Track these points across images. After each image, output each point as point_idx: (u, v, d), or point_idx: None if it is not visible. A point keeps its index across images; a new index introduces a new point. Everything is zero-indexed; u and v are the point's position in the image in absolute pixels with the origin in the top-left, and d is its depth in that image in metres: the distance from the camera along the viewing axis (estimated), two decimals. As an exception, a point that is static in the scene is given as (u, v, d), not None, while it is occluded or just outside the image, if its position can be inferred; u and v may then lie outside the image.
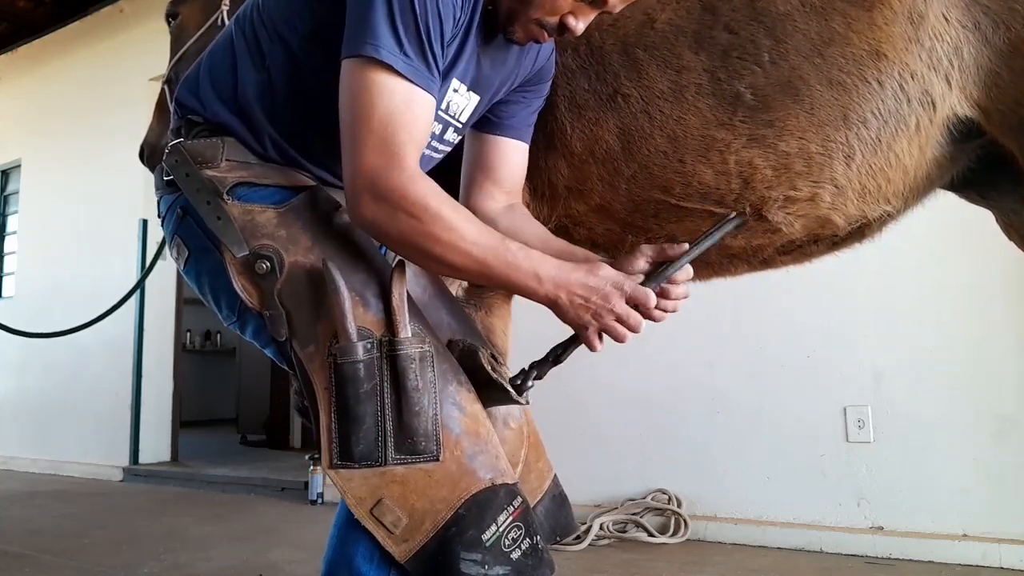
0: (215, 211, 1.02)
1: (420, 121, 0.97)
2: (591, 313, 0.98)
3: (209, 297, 1.09)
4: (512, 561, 0.92)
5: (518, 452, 1.18)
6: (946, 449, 2.72)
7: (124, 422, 5.32)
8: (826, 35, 1.24)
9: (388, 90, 0.93)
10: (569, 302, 0.98)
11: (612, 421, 3.37)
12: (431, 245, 0.94)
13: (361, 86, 0.94)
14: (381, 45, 0.92)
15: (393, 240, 0.96)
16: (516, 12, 1.05)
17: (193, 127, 1.11)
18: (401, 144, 0.93)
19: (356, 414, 0.93)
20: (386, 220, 0.94)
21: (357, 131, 0.94)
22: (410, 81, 0.94)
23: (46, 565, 2.83)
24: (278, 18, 1.07)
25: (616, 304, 0.96)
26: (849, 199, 1.27)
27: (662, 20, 1.34)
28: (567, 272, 0.97)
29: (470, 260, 0.95)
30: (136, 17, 5.63)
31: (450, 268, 0.97)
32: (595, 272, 0.98)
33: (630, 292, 0.97)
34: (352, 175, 0.95)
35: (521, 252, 0.97)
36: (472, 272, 0.97)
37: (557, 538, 1.22)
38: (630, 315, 0.97)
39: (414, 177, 0.93)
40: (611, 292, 0.97)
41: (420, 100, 0.96)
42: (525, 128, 1.27)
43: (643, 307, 0.98)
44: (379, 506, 0.92)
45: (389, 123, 0.93)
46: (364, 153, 0.93)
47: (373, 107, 0.93)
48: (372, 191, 0.93)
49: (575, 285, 0.97)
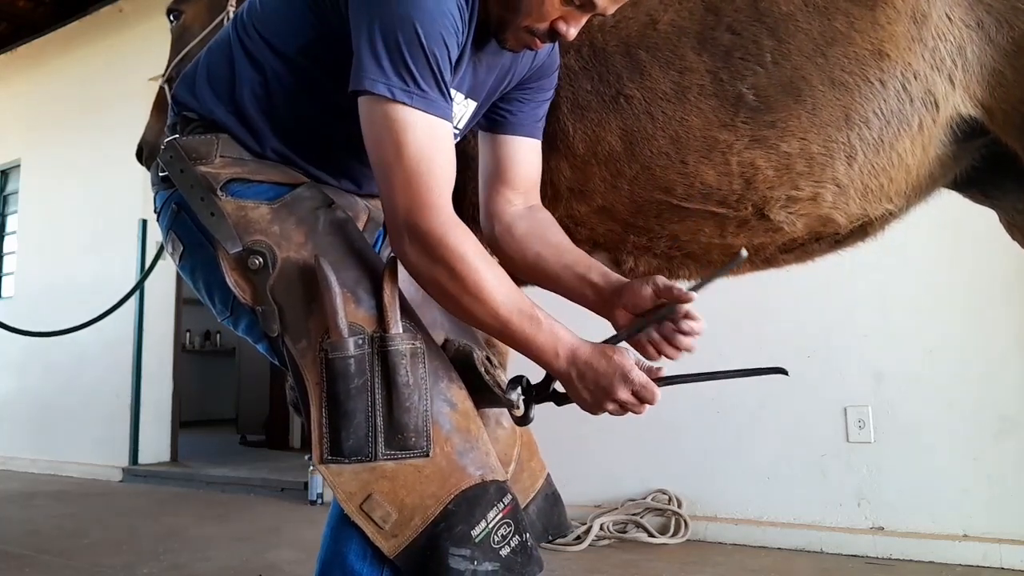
0: (209, 207, 1.03)
1: (447, 154, 0.98)
2: (595, 397, 0.99)
3: (203, 292, 1.10)
4: (501, 558, 0.93)
5: (511, 451, 1.18)
6: (946, 449, 2.72)
7: (124, 422, 5.32)
8: (829, 35, 1.24)
9: (411, 127, 0.93)
10: (578, 381, 0.99)
11: (612, 422, 3.36)
12: (460, 296, 0.95)
13: (386, 126, 0.94)
14: (395, 84, 0.92)
15: (426, 282, 0.98)
16: (507, 21, 1.04)
17: (189, 124, 1.11)
18: (434, 182, 0.94)
19: (347, 409, 0.93)
20: (425, 264, 0.95)
21: (391, 173, 0.94)
22: (430, 114, 0.95)
23: (46, 565, 2.83)
24: (271, 31, 1.07)
25: (620, 394, 0.97)
26: (851, 198, 1.27)
27: (665, 21, 1.34)
28: (583, 352, 0.98)
29: (494, 320, 0.96)
30: (136, 17, 5.64)
31: (473, 321, 0.99)
32: (608, 359, 0.98)
33: (637, 386, 0.97)
34: (391, 214, 0.97)
35: (546, 323, 0.98)
36: (493, 330, 0.98)
37: (550, 537, 1.22)
38: (633, 406, 0.98)
39: (450, 223, 0.94)
40: (617, 384, 0.97)
41: (443, 131, 0.97)
42: (532, 124, 1.27)
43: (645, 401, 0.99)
44: (369, 501, 0.92)
45: (420, 161, 0.93)
46: (400, 193, 0.94)
47: (402, 146, 0.93)
48: (411, 231, 0.94)
49: (584, 367, 0.98)
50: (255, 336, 1.06)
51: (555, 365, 0.99)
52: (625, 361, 0.98)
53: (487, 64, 1.13)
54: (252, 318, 1.02)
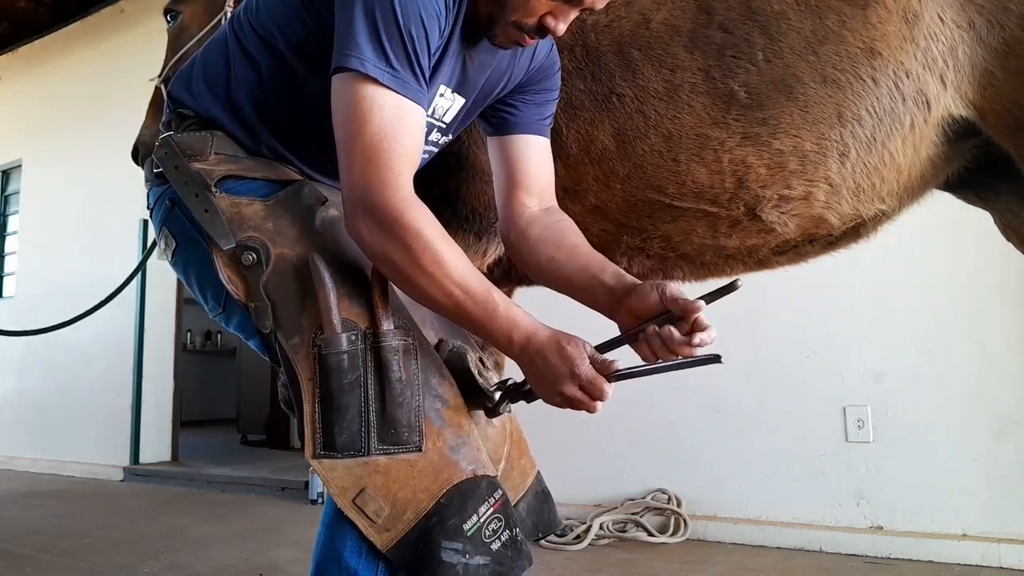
0: (203, 203, 1.03)
1: (414, 136, 0.96)
2: (542, 387, 0.97)
3: (195, 288, 1.10)
4: (492, 552, 0.93)
5: (501, 449, 1.19)
6: (946, 449, 2.72)
7: (125, 422, 5.33)
8: (820, 33, 1.24)
9: (379, 105, 0.93)
10: (529, 368, 0.97)
11: (612, 421, 3.37)
12: (416, 275, 0.93)
13: (352, 101, 0.93)
14: (367, 59, 0.92)
15: (380, 260, 0.95)
16: (495, 16, 1.04)
17: (184, 121, 1.11)
18: (397, 160, 0.93)
19: (340, 404, 0.94)
20: (378, 239, 0.93)
21: (351, 147, 0.93)
22: (399, 94, 0.94)
23: (46, 565, 2.83)
24: (268, 26, 1.07)
25: (566, 389, 0.94)
26: (843, 198, 1.27)
27: (657, 20, 1.34)
28: (538, 339, 0.95)
29: (449, 300, 0.94)
30: (136, 17, 5.65)
31: (428, 301, 0.97)
32: (558, 349, 0.95)
33: (584, 381, 0.94)
34: (348, 190, 0.94)
35: (502, 307, 0.95)
36: (449, 311, 0.96)
37: (540, 535, 1.22)
38: (581, 400, 0.95)
39: (409, 200, 0.93)
40: (563, 378, 0.94)
41: (411, 112, 0.95)
42: (538, 122, 1.25)
43: (595, 397, 0.95)
44: (361, 495, 0.93)
45: (383, 138, 0.92)
46: (358, 169, 0.93)
47: (365, 122, 0.92)
48: (367, 208, 0.93)
49: (536, 355, 0.95)
50: (247, 332, 1.06)
51: (508, 350, 0.97)
52: (576, 354, 0.94)
53: (479, 62, 1.13)
54: (244, 314, 1.02)
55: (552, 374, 0.95)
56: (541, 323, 0.98)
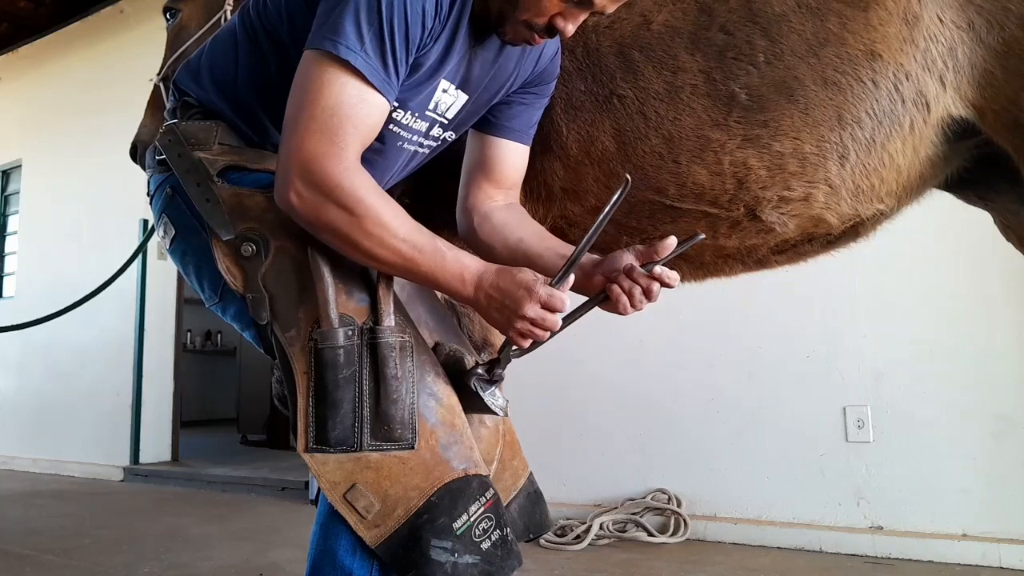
0: (204, 193, 1.03)
1: (369, 119, 0.96)
2: (504, 316, 0.97)
3: (192, 277, 1.10)
4: (482, 551, 0.94)
5: (493, 450, 1.19)
6: (946, 449, 2.72)
7: (125, 422, 5.32)
8: (821, 35, 1.24)
9: (340, 83, 0.93)
10: (487, 304, 0.98)
11: (612, 421, 3.37)
12: (360, 238, 0.93)
13: (314, 76, 0.93)
14: (341, 41, 0.92)
15: (319, 228, 0.95)
16: (505, 14, 1.05)
17: (188, 110, 1.12)
18: (345, 134, 0.93)
19: (334, 399, 0.94)
20: (315, 208, 0.92)
21: (300, 116, 0.93)
22: (366, 81, 0.94)
23: (46, 565, 2.83)
24: (274, 20, 1.08)
25: (527, 308, 0.95)
26: (843, 198, 1.28)
27: (658, 21, 1.34)
28: (489, 275, 0.97)
29: (398, 256, 0.94)
30: (136, 17, 5.64)
31: (376, 262, 0.97)
32: (511, 276, 0.97)
33: (543, 297, 0.95)
34: (287, 157, 0.93)
35: (450, 253, 0.97)
36: (398, 268, 0.96)
37: (531, 535, 1.23)
38: (543, 319, 0.96)
39: (351, 169, 0.93)
40: (522, 296, 0.95)
41: (372, 100, 0.95)
42: (526, 130, 1.27)
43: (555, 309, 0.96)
44: (352, 491, 0.93)
45: (336, 113, 0.92)
46: (304, 137, 0.92)
47: (321, 95, 0.92)
48: (306, 177, 0.92)
49: (490, 288, 0.97)
50: (243, 323, 1.06)
51: (464, 292, 0.97)
52: (528, 276, 0.96)
53: (485, 60, 1.14)
54: (241, 305, 1.02)
55: (511, 300, 0.96)
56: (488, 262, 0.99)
